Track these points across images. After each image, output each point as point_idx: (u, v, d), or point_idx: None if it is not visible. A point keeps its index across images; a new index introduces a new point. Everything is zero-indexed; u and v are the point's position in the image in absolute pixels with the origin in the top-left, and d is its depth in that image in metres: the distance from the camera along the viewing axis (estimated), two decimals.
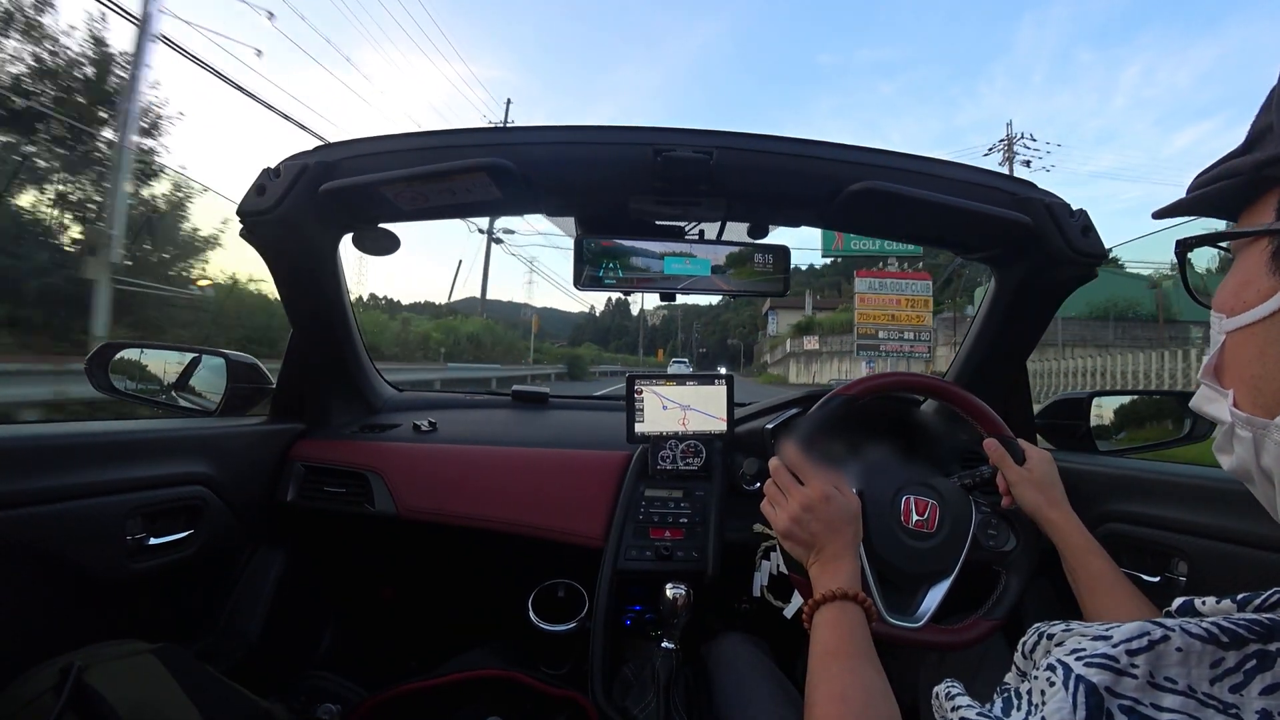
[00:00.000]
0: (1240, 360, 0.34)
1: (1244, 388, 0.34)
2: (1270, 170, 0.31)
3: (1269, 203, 0.32)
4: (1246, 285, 0.33)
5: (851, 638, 0.56)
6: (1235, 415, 0.34)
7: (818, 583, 0.63)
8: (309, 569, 1.17)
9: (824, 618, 0.59)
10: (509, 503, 1.05)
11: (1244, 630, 0.26)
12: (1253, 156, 0.33)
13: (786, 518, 0.67)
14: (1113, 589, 0.63)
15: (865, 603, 0.60)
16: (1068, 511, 0.70)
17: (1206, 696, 0.25)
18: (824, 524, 0.65)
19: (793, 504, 0.67)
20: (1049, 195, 0.83)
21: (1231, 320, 0.34)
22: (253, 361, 1.15)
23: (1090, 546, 0.67)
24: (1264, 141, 0.33)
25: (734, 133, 0.82)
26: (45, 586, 0.76)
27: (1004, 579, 0.75)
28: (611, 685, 0.90)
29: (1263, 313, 0.32)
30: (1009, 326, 0.99)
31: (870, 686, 0.51)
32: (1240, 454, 0.34)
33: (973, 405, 0.81)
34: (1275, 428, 0.31)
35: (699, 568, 0.95)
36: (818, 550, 0.65)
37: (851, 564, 0.63)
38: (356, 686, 1.04)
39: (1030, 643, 0.35)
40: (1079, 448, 1.04)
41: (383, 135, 0.84)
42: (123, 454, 0.84)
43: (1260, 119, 0.34)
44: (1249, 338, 0.33)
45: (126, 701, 0.63)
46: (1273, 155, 0.31)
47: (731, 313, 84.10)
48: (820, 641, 0.57)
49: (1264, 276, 0.32)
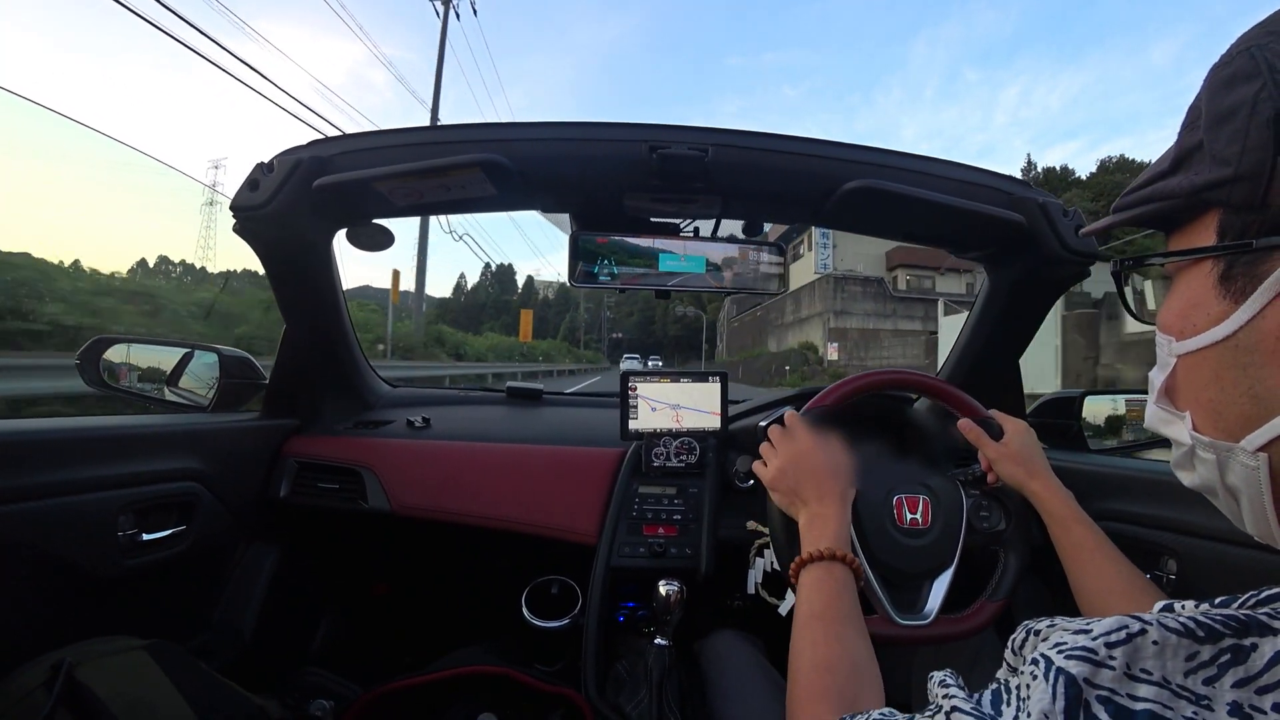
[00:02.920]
0: (1194, 384, 0.34)
1: (1202, 411, 0.34)
2: (1209, 195, 0.31)
3: (1207, 224, 0.32)
4: (1194, 308, 0.33)
5: (838, 600, 0.56)
6: (1196, 439, 0.34)
7: (805, 540, 0.64)
8: (302, 565, 1.17)
9: (810, 578, 0.59)
10: (503, 499, 1.05)
11: (1220, 625, 0.27)
12: (1188, 179, 0.32)
13: (775, 468, 0.71)
14: (1095, 555, 0.63)
15: (853, 563, 0.60)
16: (1048, 480, 0.71)
17: (1180, 688, 0.26)
18: (809, 474, 0.68)
19: (781, 456, 0.71)
20: (1043, 195, 0.84)
21: (1182, 344, 0.34)
22: (246, 357, 1.15)
23: (1073, 515, 0.67)
24: (1192, 161, 0.32)
25: (730, 130, 0.82)
26: (36, 582, 0.76)
27: (1003, 558, 0.76)
28: (605, 682, 0.90)
29: (1215, 337, 0.32)
30: (1002, 325, 1.00)
31: (855, 655, 0.51)
32: (1203, 473, 0.34)
33: (943, 391, 0.82)
34: (1241, 451, 0.31)
35: (692, 565, 0.95)
36: (805, 501, 0.67)
37: (839, 523, 0.64)
38: (350, 683, 1.04)
39: (1020, 639, 0.35)
40: (1070, 446, 1.04)
41: (377, 131, 0.84)
42: (115, 449, 0.84)
43: (1186, 137, 0.33)
44: (1202, 361, 0.33)
45: (118, 698, 0.63)
46: (1211, 180, 0.30)
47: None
48: (805, 603, 0.57)
49: (1213, 300, 0.32)
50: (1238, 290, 0.30)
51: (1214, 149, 0.30)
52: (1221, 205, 0.31)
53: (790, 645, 0.54)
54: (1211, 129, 0.31)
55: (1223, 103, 0.30)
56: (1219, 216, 0.31)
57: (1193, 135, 0.32)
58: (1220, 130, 0.30)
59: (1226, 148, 0.30)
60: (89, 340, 1.08)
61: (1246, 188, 0.29)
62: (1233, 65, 0.30)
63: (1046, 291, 0.93)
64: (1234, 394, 0.31)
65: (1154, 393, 0.37)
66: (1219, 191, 0.30)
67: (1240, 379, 0.31)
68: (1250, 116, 0.29)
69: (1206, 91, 0.32)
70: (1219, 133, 0.30)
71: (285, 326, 1.08)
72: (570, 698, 0.95)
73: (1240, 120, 0.29)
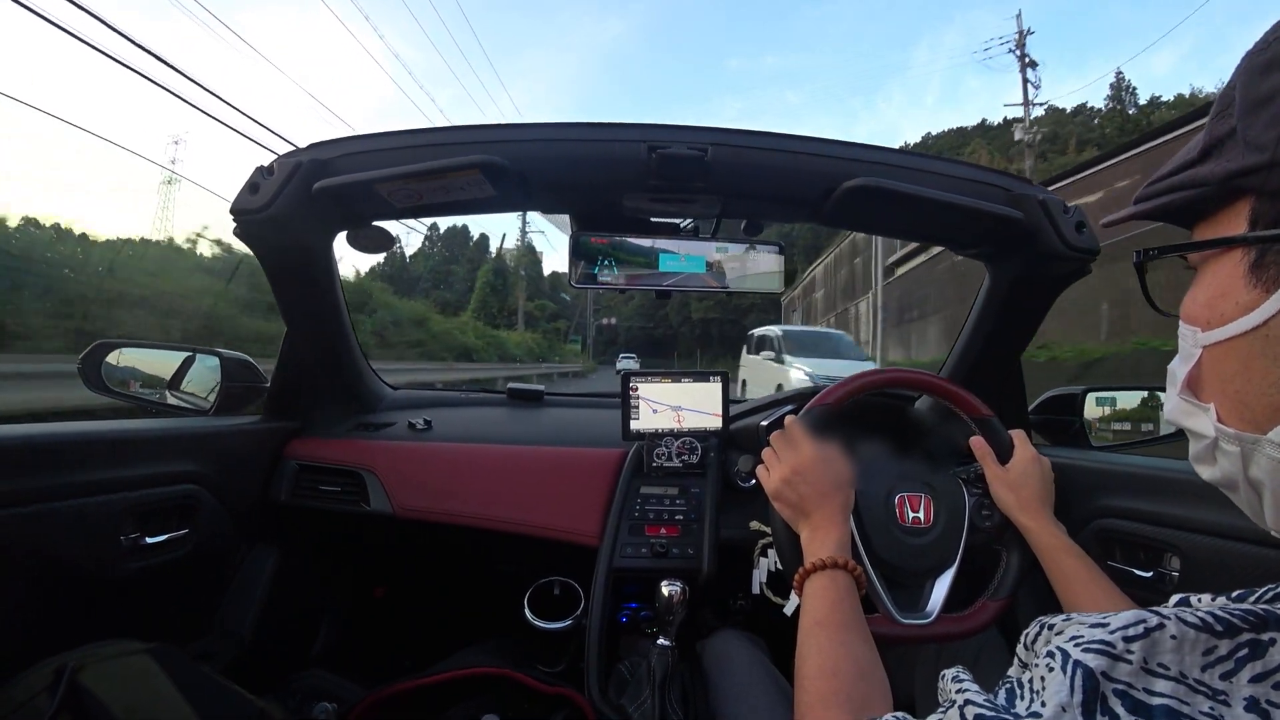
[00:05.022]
0: (1221, 375, 0.33)
1: (1228, 402, 0.33)
2: (1241, 181, 0.30)
3: (1237, 212, 0.32)
4: (1222, 297, 0.32)
5: (840, 607, 0.57)
6: (1221, 430, 0.33)
7: (808, 551, 0.65)
8: (304, 568, 1.17)
9: (813, 587, 0.60)
10: (504, 501, 1.05)
11: (1238, 620, 0.26)
12: (1220, 166, 0.31)
13: (777, 479, 0.71)
14: (1087, 586, 0.63)
15: (855, 571, 0.61)
16: (1037, 514, 0.71)
17: (1197, 683, 0.26)
18: (812, 487, 0.68)
19: (784, 466, 0.70)
20: (1043, 191, 0.83)
21: (1209, 334, 0.33)
22: (247, 360, 1.15)
23: (1061, 545, 0.67)
24: (1224, 148, 0.32)
25: (729, 129, 0.82)
26: (39, 586, 0.76)
27: (1005, 557, 0.75)
28: (607, 683, 0.90)
29: (1245, 326, 0.31)
30: (1003, 323, 0.99)
31: (861, 659, 0.52)
32: (1225, 466, 0.34)
33: (945, 389, 0.82)
34: (1268, 443, 0.30)
35: (694, 565, 0.95)
36: (807, 514, 0.67)
37: (841, 531, 0.65)
38: (352, 685, 1.04)
39: (1033, 634, 0.35)
40: (1072, 443, 1.04)
41: (376, 133, 0.84)
42: (116, 453, 0.84)
43: (1217, 125, 0.32)
44: (1230, 351, 0.32)
45: (121, 701, 0.63)
46: (1246, 166, 0.30)
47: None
48: (810, 611, 0.57)
49: (1242, 289, 0.31)
50: (1270, 279, 0.30)
51: (1248, 135, 0.30)
52: (1254, 192, 0.30)
53: (796, 653, 0.55)
54: (1246, 115, 0.30)
55: (1259, 88, 0.30)
56: (1250, 204, 0.31)
57: (1223, 123, 0.32)
58: (1256, 116, 0.29)
59: (1263, 133, 0.29)
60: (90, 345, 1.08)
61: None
62: (1269, 51, 0.30)
63: (1047, 288, 0.92)
64: (1263, 385, 0.31)
65: (1176, 385, 0.36)
66: (1253, 178, 0.30)
67: (1270, 369, 0.30)
68: None
69: (1241, 77, 0.31)
70: (1255, 118, 0.30)
71: (286, 329, 1.09)
72: (573, 699, 0.95)
73: (1278, 105, 0.28)
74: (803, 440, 0.72)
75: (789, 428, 0.74)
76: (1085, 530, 0.83)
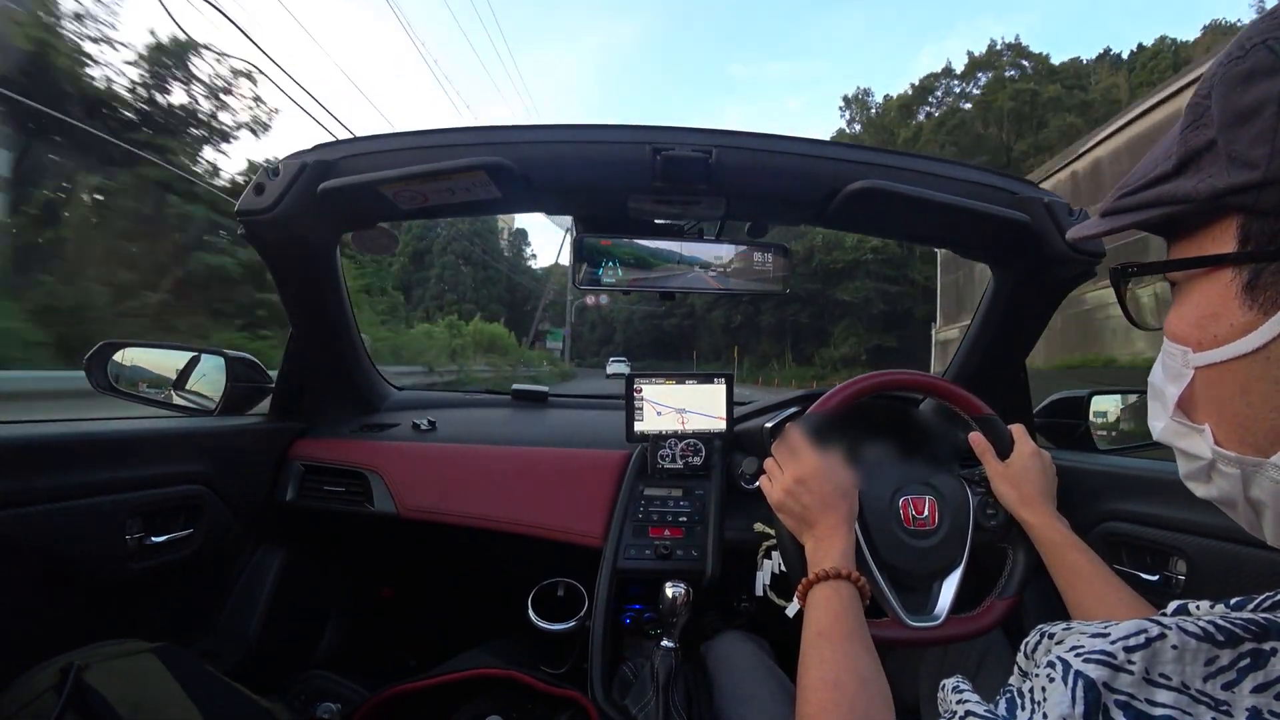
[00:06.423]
0: (1217, 397, 0.32)
1: (1226, 425, 0.32)
2: (1231, 200, 0.29)
3: (1224, 229, 0.30)
4: (1214, 318, 0.31)
5: (844, 618, 0.57)
6: (1219, 454, 0.32)
7: (812, 561, 0.65)
8: (309, 568, 1.18)
9: (817, 597, 0.59)
10: (508, 502, 1.05)
11: (1239, 629, 0.26)
12: (1204, 182, 0.30)
13: (780, 490, 0.70)
14: (1092, 581, 0.63)
15: (859, 581, 0.61)
16: (1040, 508, 0.70)
17: (1199, 693, 0.25)
18: (816, 497, 0.67)
19: (787, 477, 0.70)
20: (1048, 194, 0.83)
21: (1202, 355, 0.32)
22: (252, 360, 1.15)
23: (1065, 540, 0.67)
24: (1203, 162, 0.30)
25: (733, 131, 0.82)
26: (45, 585, 0.76)
27: (1011, 555, 0.75)
28: (611, 684, 0.90)
29: (1243, 349, 0.30)
30: (1008, 326, 0.99)
31: (863, 671, 0.52)
32: (1223, 486, 0.33)
33: (948, 390, 0.82)
34: (1271, 466, 0.29)
35: (698, 566, 0.95)
36: (811, 524, 0.67)
37: (845, 542, 0.65)
38: (357, 686, 1.04)
39: (1033, 643, 0.35)
40: (1078, 446, 1.04)
41: (381, 134, 0.84)
42: (122, 453, 0.84)
43: (1192, 136, 0.31)
44: (1227, 374, 0.31)
45: (126, 701, 0.63)
46: (1235, 184, 0.28)
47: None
48: (813, 622, 0.57)
49: (1237, 310, 0.30)
50: (1268, 300, 0.28)
51: (1233, 150, 0.28)
52: (1243, 210, 0.29)
53: (798, 663, 0.55)
54: (1228, 129, 0.29)
55: (1240, 101, 0.28)
56: (1239, 221, 0.29)
57: (1199, 134, 0.30)
58: (1240, 130, 0.28)
59: (1250, 149, 0.28)
60: (95, 345, 1.08)
61: (1277, 192, 0.27)
62: (1249, 60, 0.28)
63: (1052, 291, 0.92)
64: (1264, 408, 0.30)
65: (1167, 405, 0.35)
66: (1243, 196, 0.28)
67: (1272, 393, 0.29)
68: (1278, 115, 0.27)
69: (1219, 88, 0.29)
70: (1239, 133, 0.28)
71: (291, 329, 1.09)
72: (577, 700, 0.95)
73: (1266, 119, 0.27)
74: (803, 448, 0.71)
75: (789, 435, 0.74)
76: (1091, 534, 0.83)
